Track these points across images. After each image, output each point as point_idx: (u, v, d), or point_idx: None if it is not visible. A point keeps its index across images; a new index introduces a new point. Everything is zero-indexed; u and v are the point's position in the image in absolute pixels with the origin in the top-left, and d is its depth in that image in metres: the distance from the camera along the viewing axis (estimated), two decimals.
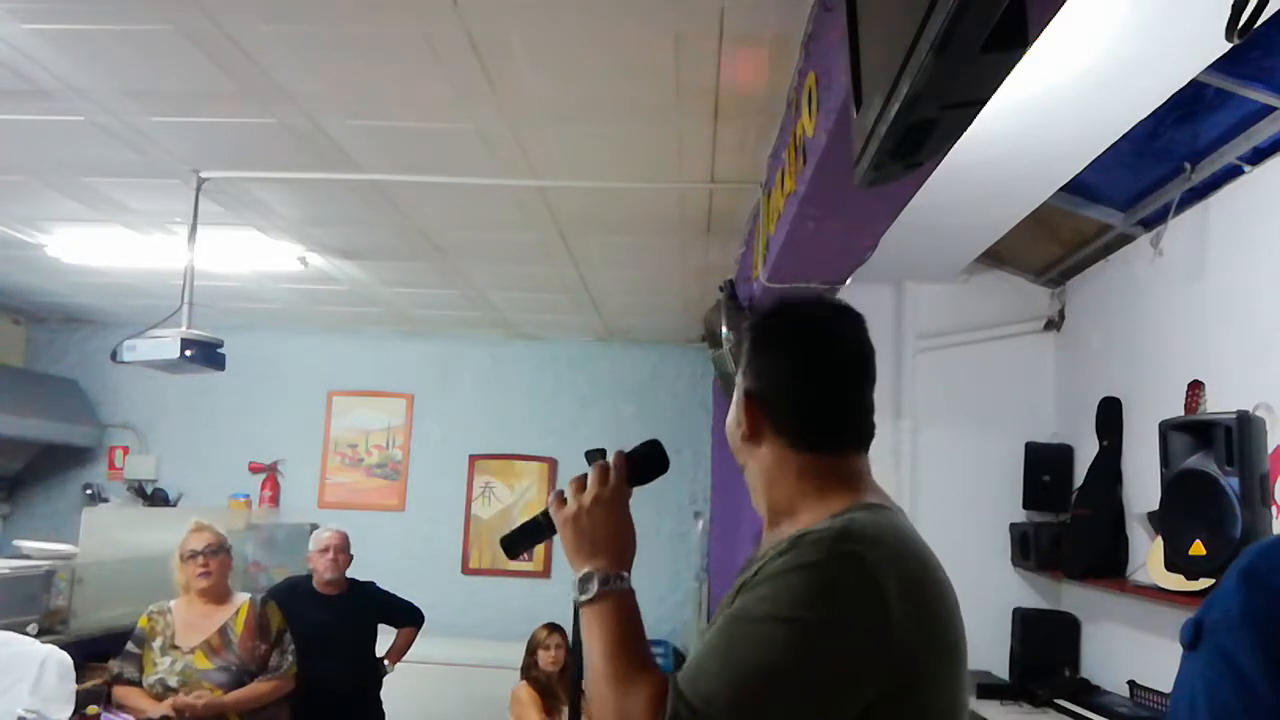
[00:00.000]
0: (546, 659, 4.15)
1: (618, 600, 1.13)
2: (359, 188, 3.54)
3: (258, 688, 3.26)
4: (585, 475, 1.22)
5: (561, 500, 1.21)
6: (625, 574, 1.16)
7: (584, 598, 1.14)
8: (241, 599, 3.41)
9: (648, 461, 1.26)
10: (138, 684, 3.23)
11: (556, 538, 1.23)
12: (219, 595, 3.36)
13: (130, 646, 3.31)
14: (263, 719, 3.31)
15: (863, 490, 1.14)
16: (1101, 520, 3.96)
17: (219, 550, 3.36)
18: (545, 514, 1.25)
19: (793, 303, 1.23)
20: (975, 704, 3.82)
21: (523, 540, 1.30)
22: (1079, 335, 4.54)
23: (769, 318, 1.23)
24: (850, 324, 1.19)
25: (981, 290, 4.86)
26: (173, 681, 3.18)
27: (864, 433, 1.19)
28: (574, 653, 1.53)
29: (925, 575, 1.06)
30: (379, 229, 4.06)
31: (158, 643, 3.26)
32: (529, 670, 4.18)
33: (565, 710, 4.08)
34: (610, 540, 1.17)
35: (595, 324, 5.89)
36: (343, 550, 4.00)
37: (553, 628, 4.22)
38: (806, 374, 1.16)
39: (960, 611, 1.10)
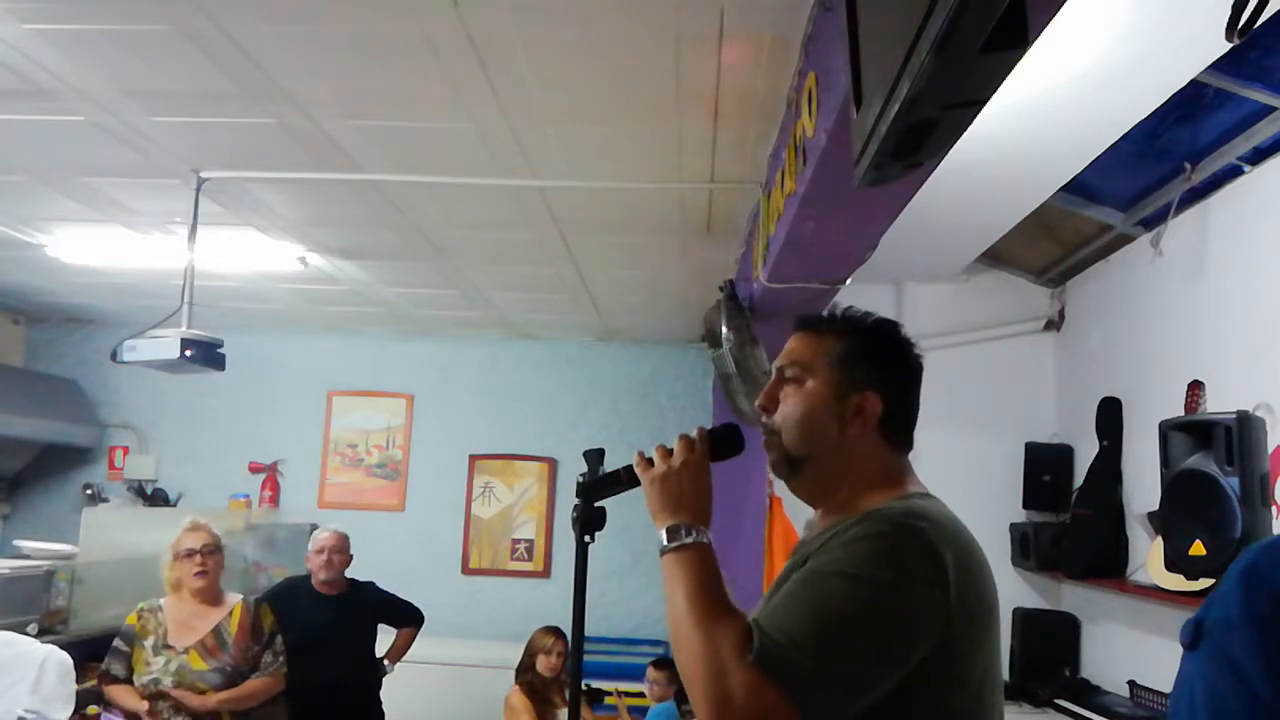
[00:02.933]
0: (546, 664, 4.12)
1: (701, 550, 1.26)
2: (359, 188, 3.54)
3: (249, 686, 3.26)
4: (666, 446, 1.36)
5: (648, 463, 1.36)
6: (706, 529, 1.29)
7: (672, 545, 1.26)
8: (234, 599, 3.40)
9: (726, 440, 1.40)
10: (127, 681, 3.23)
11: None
12: (212, 596, 3.35)
13: (119, 644, 3.29)
14: (256, 718, 3.31)
15: (916, 483, 1.33)
16: (1101, 520, 3.96)
17: (215, 550, 3.35)
18: (628, 470, 1.40)
19: (893, 323, 1.41)
20: None
21: (602, 488, 1.44)
22: (1079, 335, 4.54)
23: (884, 329, 1.39)
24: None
25: (981, 290, 4.86)
26: (167, 681, 3.17)
27: None
28: (574, 657, 1.53)
29: (974, 551, 1.22)
30: (379, 229, 4.06)
31: (150, 641, 3.25)
32: (524, 673, 4.15)
33: (559, 715, 4.07)
34: (696, 498, 1.31)
35: (595, 324, 5.88)
36: (338, 551, 3.99)
37: (557, 634, 4.19)
38: (913, 384, 1.38)
39: (995, 583, 1.26)
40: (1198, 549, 2.92)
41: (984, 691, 1.20)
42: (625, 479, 1.41)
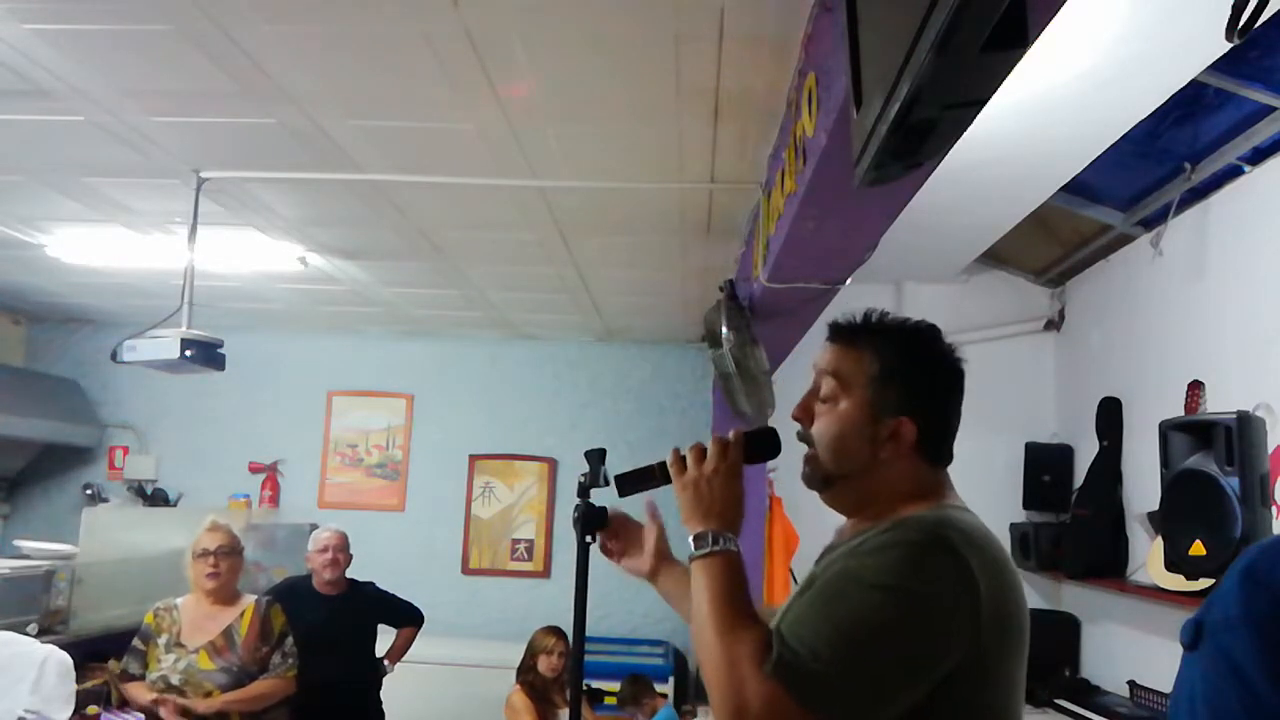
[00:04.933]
0: (547, 664, 4.12)
1: (728, 558, 1.25)
2: (359, 188, 3.54)
3: (257, 687, 3.24)
4: (703, 445, 1.34)
5: (682, 465, 1.34)
6: (735, 536, 1.27)
7: (699, 553, 1.25)
8: (248, 600, 3.39)
9: (761, 444, 1.38)
10: (142, 679, 3.24)
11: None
12: (226, 596, 3.34)
13: (136, 642, 3.30)
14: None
15: (952, 496, 1.31)
16: (1101, 520, 3.96)
17: (231, 552, 3.35)
18: (661, 466, 1.38)
19: (932, 331, 1.36)
20: None
21: (635, 482, 1.44)
22: (1079, 335, 4.54)
23: (922, 343, 1.34)
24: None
25: (981, 290, 4.86)
26: (175, 679, 3.17)
27: None
28: (575, 657, 1.53)
29: (1004, 563, 1.20)
30: (379, 229, 4.05)
31: (163, 639, 3.25)
32: (525, 674, 4.15)
33: (561, 715, 4.07)
34: (726, 506, 1.30)
35: (595, 324, 5.88)
36: (342, 550, 4.00)
37: (558, 634, 4.19)
38: (952, 397, 1.33)
39: (1025, 599, 1.23)
40: (1198, 549, 2.92)
41: (1008, 702, 1.19)
42: (658, 475, 1.40)
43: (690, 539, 1.27)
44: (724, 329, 3.49)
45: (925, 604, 1.11)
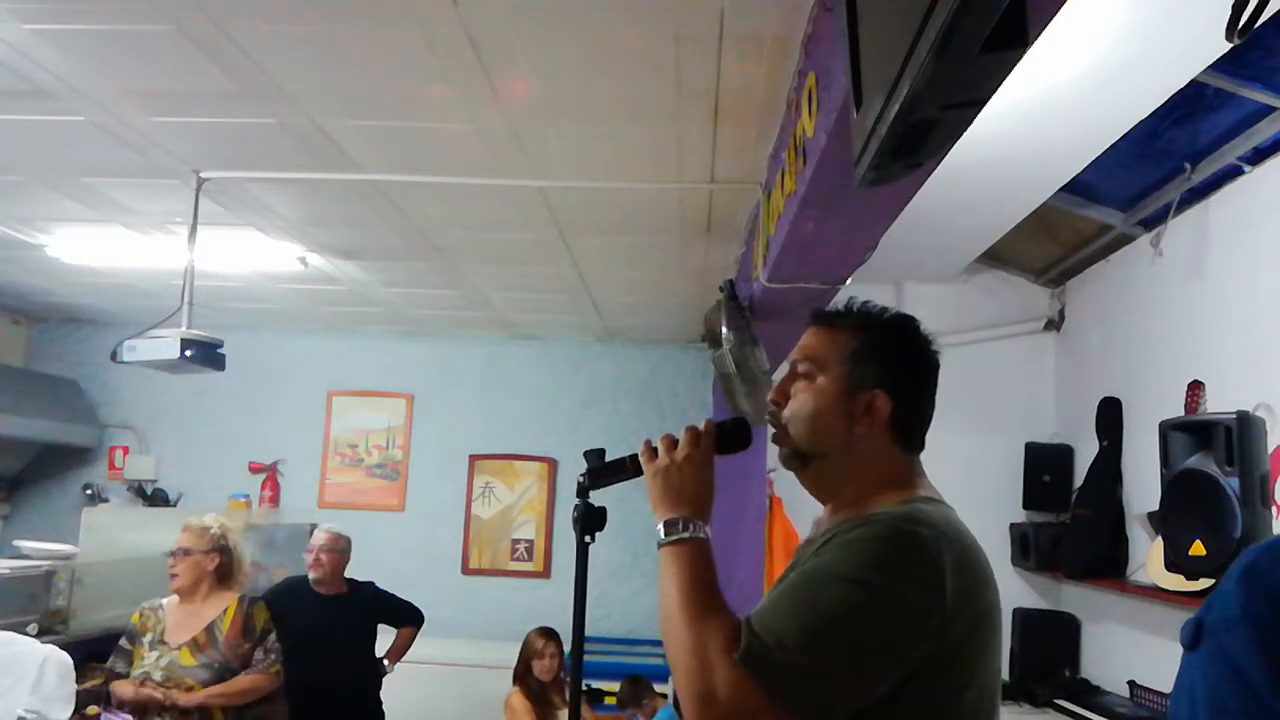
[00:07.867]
0: (541, 668, 4.11)
1: (698, 544, 1.26)
2: (359, 188, 3.54)
3: (240, 682, 3.25)
4: (673, 436, 1.35)
5: (653, 453, 1.35)
6: (705, 524, 1.28)
7: (668, 539, 1.26)
8: (230, 598, 3.40)
9: (733, 435, 1.38)
10: (127, 677, 3.25)
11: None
12: (191, 595, 3.34)
13: (123, 642, 3.33)
14: (251, 717, 3.30)
15: (925, 486, 1.31)
16: (1101, 520, 3.96)
17: (189, 552, 3.33)
18: (633, 458, 1.39)
19: (913, 320, 1.38)
20: None
21: (607, 475, 1.44)
22: (1079, 335, 4.54)
23: (899, 326, 1.36)
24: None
25: (981, 290, 4.86)
26: (157, 676, 3.19)
27: None
28: (574, 657, 1.53)
29: (975, 558, 1.20)
30: (379, 229, 4.06)
31: (148, 638, 3.28)
32: (522, 677, 4.15)
33: (560, 715, 4.07)
34: (697, 493, 1.30)
35: (595, 324, 5.88)
36: (326, 550, 3.98)
37: (549, 635, 4.18)
38: (926, 383, 1.35)
39: (998, 592, 1.23)
40: (1198, 549, 2.92)
41: (979, 700, 1.19)
42: (630, 468, 1.41)
43: (660, 525, 1.27)
44: (724, 329, 3.49)
45: (891, 599, 1.11)
